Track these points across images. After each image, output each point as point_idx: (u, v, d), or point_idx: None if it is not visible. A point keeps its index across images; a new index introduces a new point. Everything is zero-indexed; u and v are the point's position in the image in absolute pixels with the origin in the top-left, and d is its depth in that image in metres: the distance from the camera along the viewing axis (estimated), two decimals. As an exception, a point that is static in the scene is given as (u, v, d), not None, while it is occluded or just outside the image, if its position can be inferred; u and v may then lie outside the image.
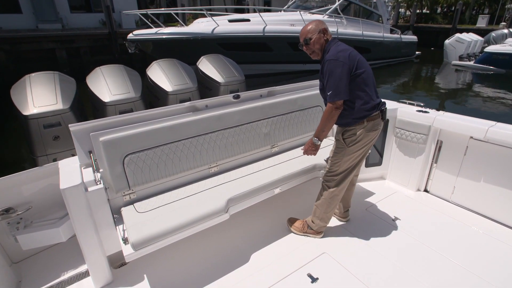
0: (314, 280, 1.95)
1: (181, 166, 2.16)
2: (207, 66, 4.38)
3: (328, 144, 2.79)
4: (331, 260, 2.12)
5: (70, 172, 1.78)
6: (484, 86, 11.31)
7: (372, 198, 2.89)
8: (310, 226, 2.34)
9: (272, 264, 2.10)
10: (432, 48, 21.08)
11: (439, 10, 29.71)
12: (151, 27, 8.97)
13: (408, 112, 2.87)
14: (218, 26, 9.06)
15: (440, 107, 8.61)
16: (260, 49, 9.77)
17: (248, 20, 9.90)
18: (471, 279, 1.97)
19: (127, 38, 8.71)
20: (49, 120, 2.85)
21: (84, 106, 3.43)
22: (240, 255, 2.19)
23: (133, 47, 8.72)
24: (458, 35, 14.32)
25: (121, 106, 3.28)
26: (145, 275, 2.02)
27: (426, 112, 2.82)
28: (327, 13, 11.35)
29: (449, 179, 2.79)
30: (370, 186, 3.09)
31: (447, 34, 18.92)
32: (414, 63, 16.32)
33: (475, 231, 2.42)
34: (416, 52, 16.71)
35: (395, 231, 2.42)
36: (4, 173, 1.97)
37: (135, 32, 8.68)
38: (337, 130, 2.13)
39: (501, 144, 2.37)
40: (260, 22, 9.54)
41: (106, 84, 3.32)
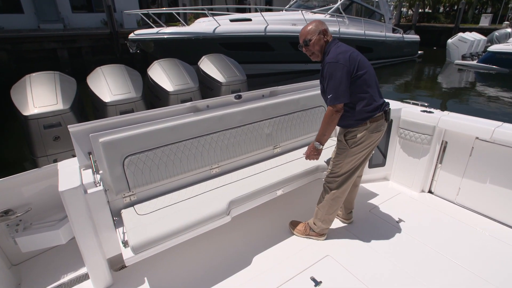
0: (317, 283, 1.92)
1: (182, 168, 2.13)
2: (208, 66, 4.35)
3: (330, 145, 2.75)
4: (334, 263, 2.08)
5: (69, 174, 1.75)
6: (488, 85, 11.23)
7: (376, 199, 2.85)
8: (312, 228, 2.31)
9: (275, 267, 2.07)
10: (435, 48, 20.99)
11: (442, 10, 29.59)
12: (152, 27, 8.96)
13: (412, 112, 2.83)
14: (220, 25, 9.05)
15: (444, 107, 8.55)
16: (262, 48, 9.75)
17: (249, 20, 9.88)
18: (478, 282, 1.93)
19: (129, 38, 8.71)
20: (49, 120, 2.83)
21: (84, 106, 3.42)
22: (241, 258, 2.16)
23: (134, 47, 8.72)
24: (461, 34, 14.21)
25: (121, 106, 3.26)
26: (145, 278, 2.00)
27: (430, 112, 2.78)
28: (329, 12, 11.30)
29: (454, 180, 2.74)
30: (374, 187, 3.05)
31: (450, 33, 18.82)
32: (417, 62, 16.23)
33: (481, 233, 2.38)
34: (419, 52, 16.63)
35: (399, 233, 2.39)
36: (4, 173, 1.96)
37: (136, 32, 8.67)
38: (339, 131, 2.10)
39: (508, 145, 2.33)
40: (261, 22, 9.52)
41: (107, 84, 3.30)
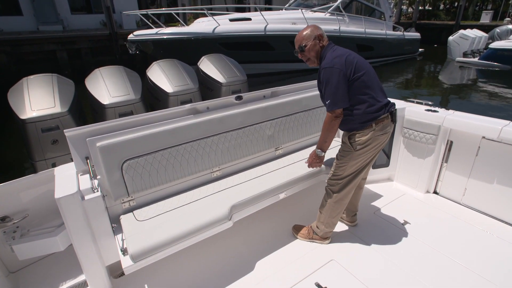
0: None
1: (182, 171, 2.08)
2: (208, 66, 4.29)
3: (333, 146, 2.70)
4: (339, 268, 2.03)
5: (66, 179, 1.70)
6: (490, 83, 11.13)
7: (380, 200, 2.80)
8: (315, 231, 2.26)
9: (278, 273, 2.01)
10: (435, 45, 20.90)
11: (442, 7, 29.48)
12: (151, 28, 8.91)
13: (416, 111, 2.78)
14: (219, 25, 9.00)
15: (446, 105, 8.48)
16: (262, 48, 9.69)
17: (249, 19, 9.82)
18: (486, 286, 1.88)
19: (128, 38, 8.66)
20: (47, 123, 2.78)
21: (83, 108, 3.37)
22: (244, 264, 2.11)
23: (133, 47, 8.66)
24: (462, 31, 14.12)
25: (120, 109, 3.21)
26: (146, 285, 1.95)
27: (435, 111, 2.72)
28: (329, 11, 11.23)
29: (460, 181, 2.69)
30: (378, 188, 3.00)
31: (450, 30, 18.73)
32: (417, 60, 16.15)
33: (490, 235, 2.32)
34: (419, 50, 16.55)
35: (405, 236, 2.33)
36: (4, 177, 1.92)
37: (135, 33, 8.63)
38: (344, 133, 2.04)
39: None
40: (261, 21, 9.47)
41: (105, 86, 3.25)
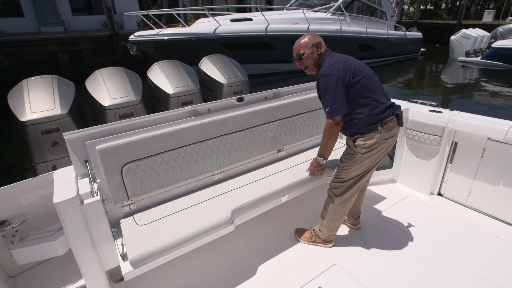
0: None
1: (183, 174, 2.05)
2: (209, 67, 4.26)
3: (336, 148, 2.66)
4: (343, 272, 2.00)
5: (64, 183, 1.67)
6: (493, 82, 11.05)
7: (383, 203, 2.76)
8: (318, 235, 2.23)
9: (280, 277, 1.98)
10: (437, 45, 20.80)
11: (444, 6, 29.36)
12: (153, 28, 8.90)
13: (420, 112, 2.74)
14: (220, 26, 8.97)
15: (449, 105, 8.41)
16: (263, 48, 9.66)
17: (250, 20, 9.79)
18: None
19: (129, 39, 8.65)
20: (47, 126, 2.76)
21: (84, 110, 3.34)
22: (246, 268, 2.08)
23: (134, 48, 8.65)
24: (464, 30, 14.04)
25: (121, 110, 3.18)
26: None
27: (439, 112, 2.68)
28: (330, 10, 11.18)
29: (465, 182, 2.65)
30: (381, 190, 2.96)
31: (452, 30, 18.62)
32: (419, 60, 16.07)
33: (496, 238, 2.28)
34: (421, 49, 16.47)
35: (409, 239, 2.29)
36: (4, 179, 1.90)
37: (136, 34, 8.61)
38: (348, 137, 2.00)
39: None
40: (262, 21, 9.43)
41: (106, 88, 3.22)
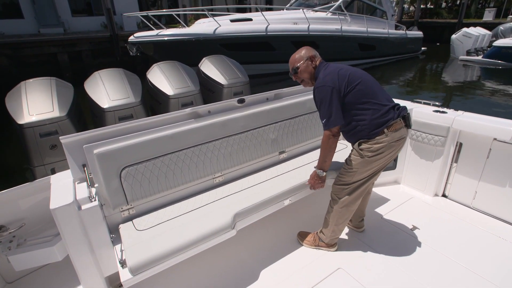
0: None
1: (183, 178, 2.01)
2: (209, 67, 4.22)
3: (339, 149, 2.62)
4: (347, 277, 1.95)
5: (61, 189, 1.63)
6: (495, 81, 10.98)
7: (387, 204, 2.72)
8: (321, 238, 2.18)
9: (283, 282, 1.94)
10: (438, 44, 20.70)
11: (444, 5, 29.26)
12: (152, 29, 8.86)
13: (424, 112, 2.69)
14: (220, 26, 8.93)
15: (451, 105, 8.35)
16: (263, 48, 9.62)
17: (250, 20, 9.75)
18: None
19: (129, 40, 8.61)
20: (45, 128, 2.72)
21: (82, 112, 3.31)
22: (248, 273, 2.03)
23: (134, 49, 8.61)
24: (465, 29, 13.97)
25: (120, 112, 3.15)
26: None
27: (443, 112, 2.63)
28: (330, 10, 11.14)
29: (470, 184, 2.60)
30: (384, 191, 2.91)
31: (453, 29, 18.55)
32: (420, 59, 16.00)
33: (502, 241, 2.24)
34: (422, 48, 16.40)
35: (414, 242, 2.25)
36: (2, 183, 1.86)
37: (136, 35, 8.58)
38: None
39: None
40: (262, 21, 9.39)
41: (105, 89, 3.18)
